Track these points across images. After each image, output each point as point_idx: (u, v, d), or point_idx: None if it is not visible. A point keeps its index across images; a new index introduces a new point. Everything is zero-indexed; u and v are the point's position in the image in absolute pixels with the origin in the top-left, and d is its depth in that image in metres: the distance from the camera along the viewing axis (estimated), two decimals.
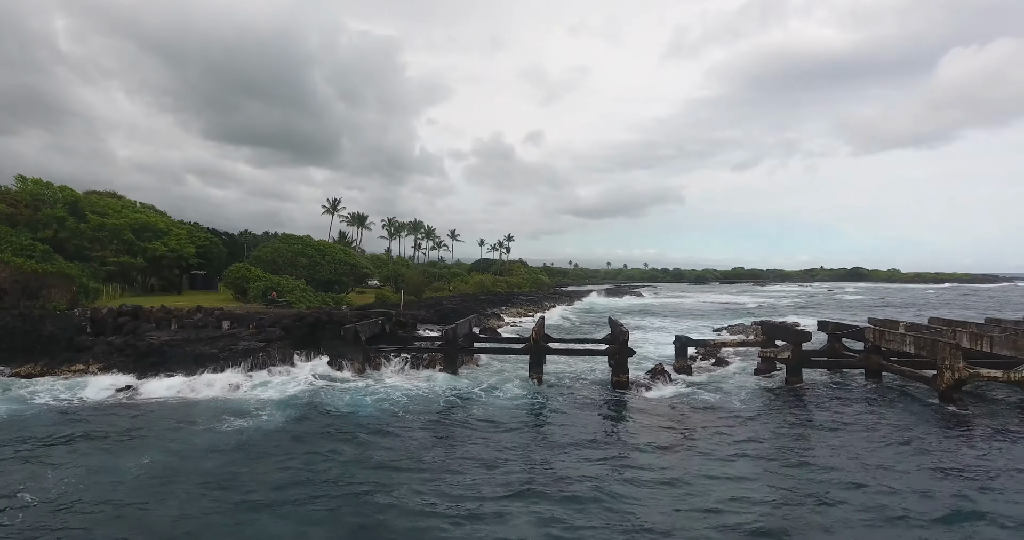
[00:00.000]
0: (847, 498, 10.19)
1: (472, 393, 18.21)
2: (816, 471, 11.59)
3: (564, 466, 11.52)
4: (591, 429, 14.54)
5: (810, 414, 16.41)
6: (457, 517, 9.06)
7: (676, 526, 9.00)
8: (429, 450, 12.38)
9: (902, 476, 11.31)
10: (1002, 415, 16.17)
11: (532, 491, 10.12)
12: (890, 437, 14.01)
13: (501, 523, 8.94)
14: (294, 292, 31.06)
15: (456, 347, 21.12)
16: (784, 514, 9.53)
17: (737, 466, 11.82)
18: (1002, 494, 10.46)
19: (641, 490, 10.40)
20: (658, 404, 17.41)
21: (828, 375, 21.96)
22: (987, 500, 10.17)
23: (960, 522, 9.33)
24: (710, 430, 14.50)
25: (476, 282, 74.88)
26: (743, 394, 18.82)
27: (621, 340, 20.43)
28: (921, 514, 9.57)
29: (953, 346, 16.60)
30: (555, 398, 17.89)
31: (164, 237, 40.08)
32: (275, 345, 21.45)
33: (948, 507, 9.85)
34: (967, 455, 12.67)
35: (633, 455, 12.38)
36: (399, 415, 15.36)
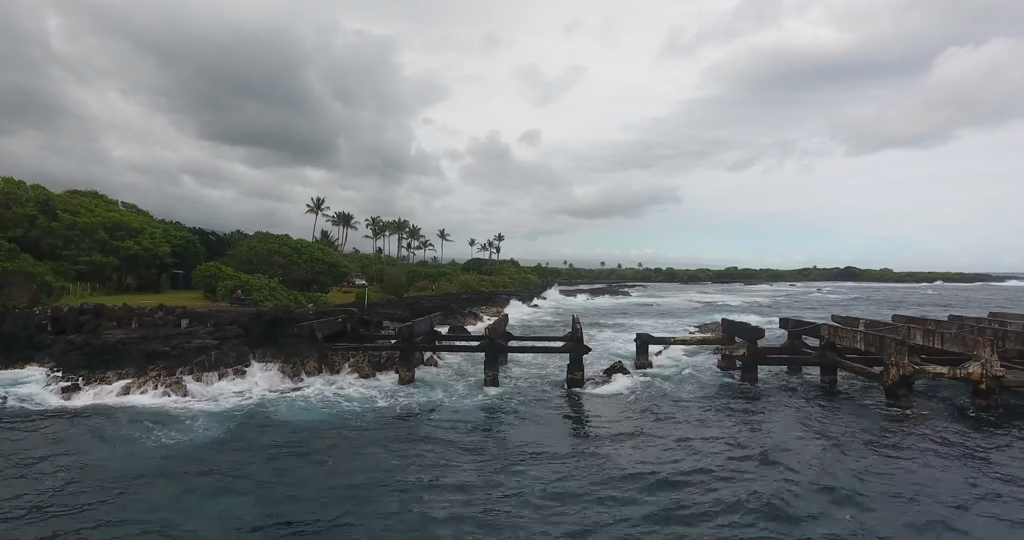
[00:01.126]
0: (744, 493, 10.17)
1: (417, 397, 17.80)
2: (724, 469, 11.54)
3: (490, 484, 10.68)
4: (530, 434, 14.12)
5: (750, 412, 16.38)
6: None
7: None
8: (349, 476, 10.91)
9: (807, 473, 11.29)
10: (942, 414, 16.16)
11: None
12: (821, 431, 14.02)
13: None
14: (262, 291, 30.88)
15: (412, 345, 21.00)
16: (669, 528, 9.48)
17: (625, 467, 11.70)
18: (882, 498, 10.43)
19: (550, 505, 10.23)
20: (605, 403, 17.36)
21: (787, 371, 22.00)
22: (870, 500, 10.18)
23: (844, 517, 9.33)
24: (645, 429, 14.47)
25: (461, 281, 74.76)
26: (693, 391, 18.80)
27: (576, 338, 20.37)
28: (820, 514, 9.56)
29: (899, 342, 16.60)
30: (504, 399, 17.72)
31: (138, 236, 39.82)
32: (230, 343, 21.26)
33: (844, 505, 9.85)
34: (885, 454, 12.66)
35: (553, 463, 12.18)
36: (337, 427, 14.25)
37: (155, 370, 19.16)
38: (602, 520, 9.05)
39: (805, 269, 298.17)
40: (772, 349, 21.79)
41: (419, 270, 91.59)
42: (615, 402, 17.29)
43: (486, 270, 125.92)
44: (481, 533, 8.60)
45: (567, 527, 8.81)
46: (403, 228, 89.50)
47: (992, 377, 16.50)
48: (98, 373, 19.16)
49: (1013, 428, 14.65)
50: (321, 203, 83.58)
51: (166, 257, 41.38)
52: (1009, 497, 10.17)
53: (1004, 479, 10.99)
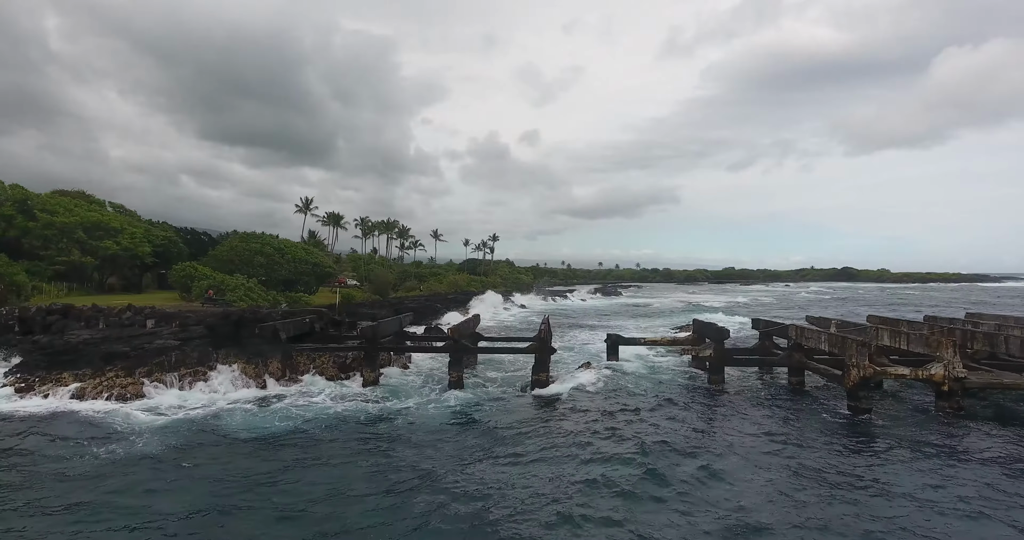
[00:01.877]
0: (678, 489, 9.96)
1: (376, 402, 17.47)
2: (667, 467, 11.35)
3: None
4: (479, 441, 13.82)
5: (708, 412, 16.22)
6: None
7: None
8: (283, 494, 10.20)
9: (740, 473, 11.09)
10: (903, 416, 16.02)
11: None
12: (773, 431, 13.82)
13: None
14: (237, 291, 30.63)
15: (376, 346, 20.76)
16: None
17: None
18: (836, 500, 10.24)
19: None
20: (564, 405, 17.13)
21: (759, 372, 21.80)
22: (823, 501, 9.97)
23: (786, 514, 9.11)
24: (599, 430, 14.26)
25: (450, 281, 74.54)
26: (657, 392, 18.60)
27: (541, 339, 20.16)
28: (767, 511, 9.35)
29: (860, 344, 16.38)
30: (465, 403, 17.46)
31: (117, 236, 39.54)
32: (192, 344, 21.03)
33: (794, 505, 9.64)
34: (835, 454, 12.47)
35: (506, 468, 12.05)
36: (287, 437, 13.64)
37: (112, 371, 18.93)
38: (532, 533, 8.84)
39: (802, 269, 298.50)
40: (739, 350, 21.60)
41: (411, 270, 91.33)
42: (575, 404, 17.06)
43: (481, 270, 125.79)
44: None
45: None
46: (392, 228, 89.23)
47: (954, 378, 16.31)
48: (54, 374, 18.92)
49: (971, 430, 14.46)
50: (310, 203, 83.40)
51: (146, 257, 41.10)
52: (956, 498, 9.99)
53: (952, 481, 10.80)
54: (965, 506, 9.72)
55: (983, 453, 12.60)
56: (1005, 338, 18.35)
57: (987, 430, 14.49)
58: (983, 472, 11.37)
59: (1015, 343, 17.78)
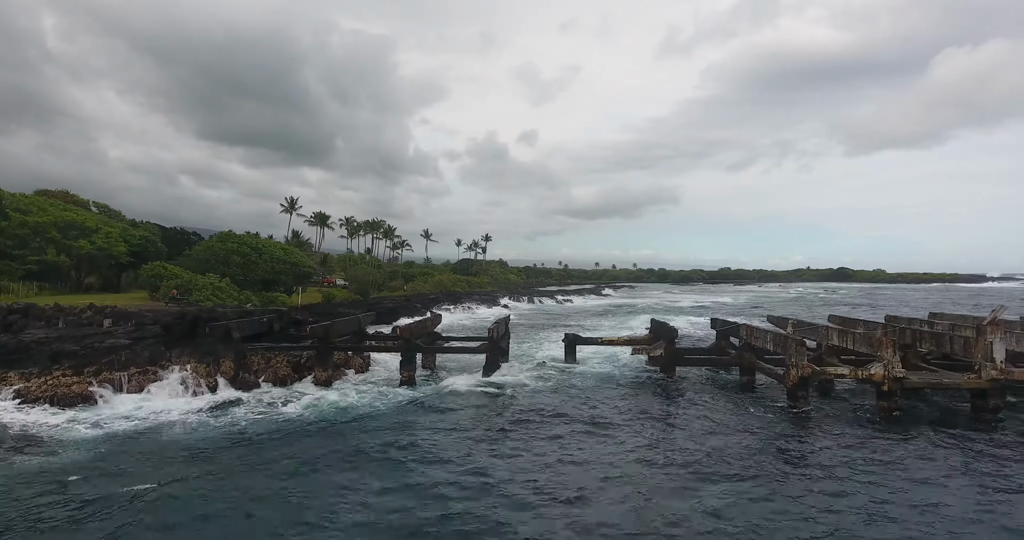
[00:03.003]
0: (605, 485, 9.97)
1: (324, 402, 17.41)
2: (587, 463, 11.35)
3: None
4: (419, 439, 13.86)
5: (648, 410, 16.21)
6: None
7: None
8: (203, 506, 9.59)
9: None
10: (842, 416, 16.01)
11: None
12: (707, 429, 13.82)
13: None
14: (204, 290, 30.61)
15: (329, 346, 20.76)
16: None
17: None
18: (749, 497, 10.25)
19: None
20: (509, 403, 17.13)
21: (717, 372, 21.77)
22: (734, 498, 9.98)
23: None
24: (537, 427, 14.28)
25: (435, 282, 74.54)
26: (606, 391, 18.59)
27: (491, 339, 20.19)
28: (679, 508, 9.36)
29: (799, 344, 16.41)
30: (414, 402, 17.46)
31: (92, 235, 39.53)
32: (145, 343, 21.02)
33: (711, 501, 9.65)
34: (763, 453, 12.47)
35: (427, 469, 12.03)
36: (222, 443, 13.13)
37: (60, 370, 18.88)
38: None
39: (798, 270, 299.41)
40: (692, 350, 21.64)
41: (401, 270, 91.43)
42: (520, 402, 17.05)
43: (474, 271, 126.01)
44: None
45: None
46: (377, 228, 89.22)
47: (893, 378, 16.32)
48: (0, 372, 18.87)
49: (905, 429, 14.48)
50: (295, 203, 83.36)
51: (121, 257, 41.05)
52: (878, 497, 10.04)
53: (873, 482, 10.80)
54: (869, 504, 9.73)
55: (908, 452, 12.62)
56: (950, 338, 18.38)
57: (920, 430, 14.50)
58: (904, 470, 11.40)
59: (959, 342, 17.80)
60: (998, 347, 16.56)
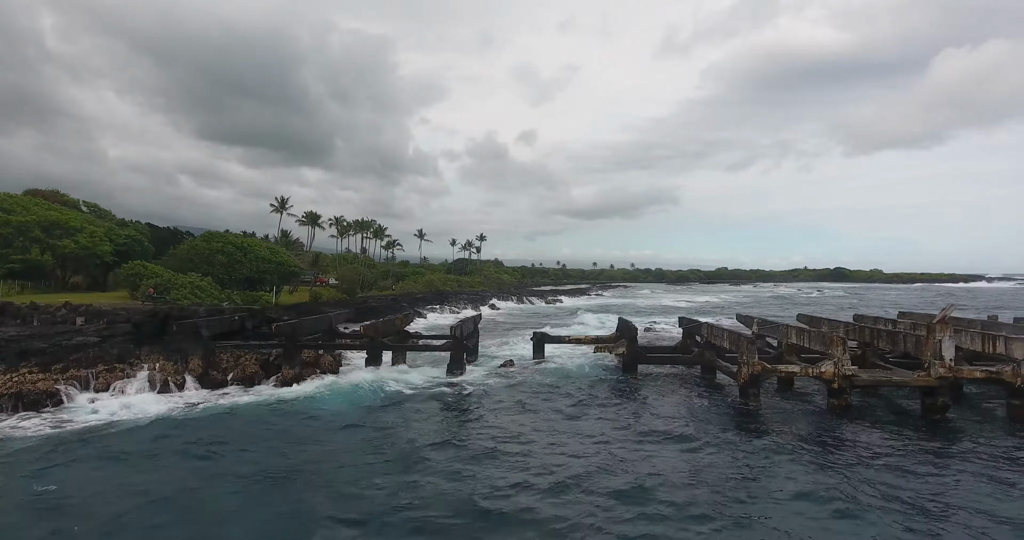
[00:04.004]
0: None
1: (285, 402, 17.57)
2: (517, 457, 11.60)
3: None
4: (370, 438, 14.05)
5: (604, 407, 16.42)
6: None
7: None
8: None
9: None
10: (792, 413, 16.24)
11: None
12: (652, 428, 14.07)
13: None
14: (182, 289, 30.85)
15: (296, 344, 21.00)
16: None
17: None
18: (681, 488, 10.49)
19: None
20: (468, 400, 17.38)
21: (684, 370, 21.95)
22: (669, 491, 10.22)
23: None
24: (491, 424, 14.53)
25: (425, 281, 74.75)
26: (566, 389, 18.77)
27: (456, 337, 20.42)
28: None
29: (750, 341, 16.66)
30: (374, 399, 17.69)
31: (76, 235, 39.78)
32: (113, 341, 21.24)
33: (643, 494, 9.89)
34: (695, 450, 12.72)
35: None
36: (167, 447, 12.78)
37: (26, 368, 19.10)
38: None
39: (795, 270, 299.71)
40: (655, 348, 21.88)
41: (394, 270, 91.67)
42: (474, 399, 17.31)
43: (469, 270, 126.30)
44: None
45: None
46: (368, 228, 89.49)
47: (843, 376, 16.58)
48: None
49: (854, 426, 14.73)
50: (285, 203, 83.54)
51: (106, 255, 41.29)
52: (812, 494, 10.28)
53: (812, 475, 11.05)
54: (803, 501, 9.98)
55: (855, 448, 12.86)
56: (904, 337, 18.63)
57: (868, 427, 14.72)
58: (850, 468, 11.60)
59: (912, 341, 18.05)
60: (947, 345, 16.81)
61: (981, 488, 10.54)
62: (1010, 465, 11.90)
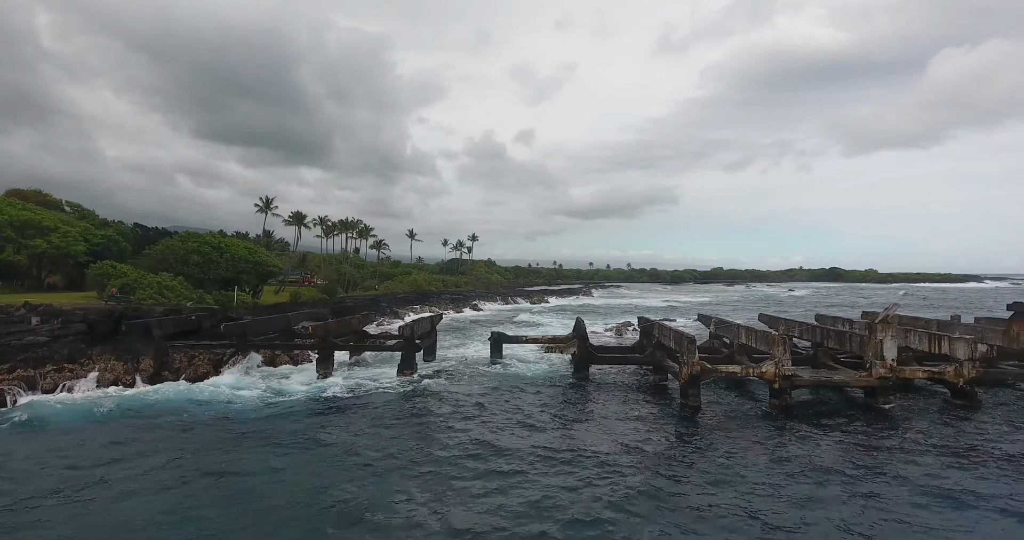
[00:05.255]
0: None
1: (222, 401, 17.60)
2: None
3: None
4: (307, 431, 14.26)
5: (540, 406, 16.38)
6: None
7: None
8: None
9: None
10: (732, 413, 16.22)
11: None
12: (582, 427, 14.02)
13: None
14: (147, 289, 30.76)
15: (246, 344, 20.95)
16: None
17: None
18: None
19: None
20: (410, 400, 17.32)
21: (640, 370, 21.92)
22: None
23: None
24: (408, 426, 14.48)
25: (411, 281, 74.67)
26: (511, 388, 18.72)
27: (407, 337, 20.38)
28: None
29: (690, 341, 16.62)
30: (321, 397, 17.63)
31: (49, 235, 39.65)
32: (66, 341, 21.16)
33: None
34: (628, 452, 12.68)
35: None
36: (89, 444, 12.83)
37: None
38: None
39: (790, 270, 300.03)
40: (606, 348, 21.82)
41: (380, 270, 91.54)
42: (424, 399, 17.25)
43: (461, 270, 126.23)
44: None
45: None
46: (353, 228, 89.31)
47: (783, 376, 16.56)
48: None
49: (796, 425, 14.70)
50: (270, 203, 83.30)
51: (80, 255, 41.16)
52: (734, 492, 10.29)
53: (737, 476, 11.02)
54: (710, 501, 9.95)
55: (782, 448, 12.84)
56: (849, 336, 18.62)
57: (808, 426, 14.67)
58: (772, 465, 11.65)
59: (856, 340, 18.04)
60: (889, 345, 16.80)
61: (902, 495, 10.42)
62: (940, 466, 11.84)
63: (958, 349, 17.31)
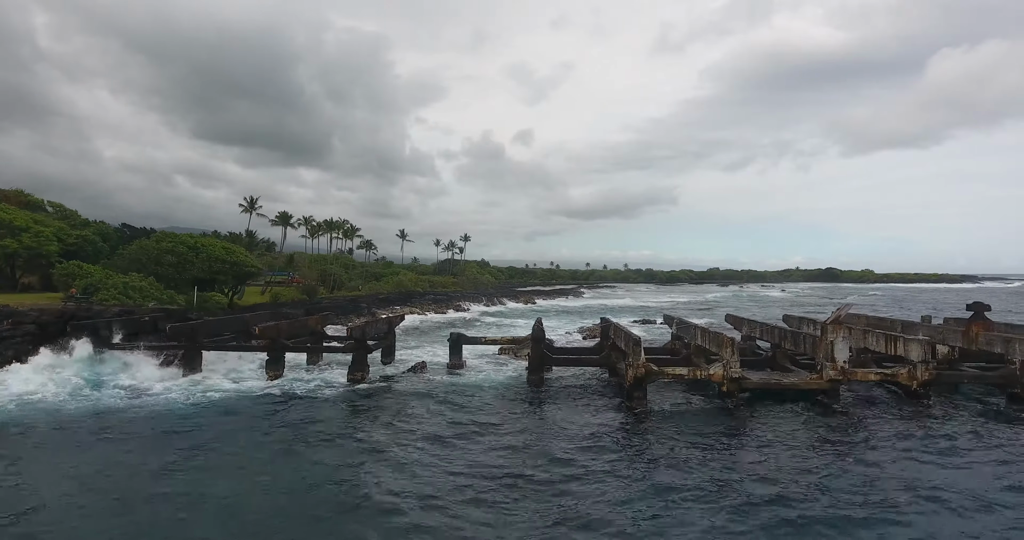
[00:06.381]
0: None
1: (157, 398, 17.32)
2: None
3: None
4: (250, 436, 13.91)
5: (487, 410, 16.02)
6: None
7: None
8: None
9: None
10: (676, 417, 15.83)
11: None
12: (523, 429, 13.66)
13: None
14: (111, 290, 30.38)
15: (196, 345, 20.57)
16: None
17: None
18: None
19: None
20: (364, 399, 16.96)
21: (600, 372, 21.54)
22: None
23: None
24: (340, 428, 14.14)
25: (395, 282, 74.30)
26: (450, 391, 18.27)
27: (358, 339, 20.02)
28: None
29: (635, 343, 16.28)
30: (268, 397, 17.31)
31: (20, 235, 39.25)
32: (11, 342, 20.81)
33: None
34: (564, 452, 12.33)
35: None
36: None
37: None
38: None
39: (787, 270, 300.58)
40: (562, 349, 21.47)
41: (374, 271, 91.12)
42: (375, 402, 16.90)
43: (454, 271, 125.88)
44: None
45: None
46: (338, 228, 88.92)
47: (731, 379, 16.23)
48: None
49: (743, 428, 14.34)
50: (255, 202, 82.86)
51: (52, 256, 40.73)
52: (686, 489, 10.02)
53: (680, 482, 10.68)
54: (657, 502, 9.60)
55: (725, 451, 12.49)
56: (803, 338, 18.29)
57: (754, 431, 14.23)
58: (709, 470, 11.32)
59: (808, 341, 17.71)
60: (840, 347, 16.45)
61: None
62: (891, 466, 11.50)
63: (912, 351, 16.97)
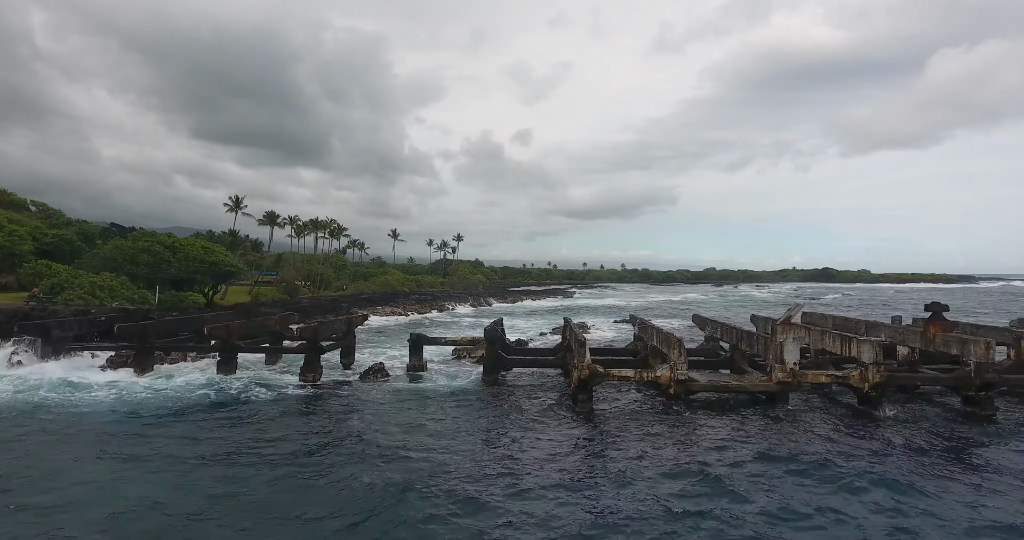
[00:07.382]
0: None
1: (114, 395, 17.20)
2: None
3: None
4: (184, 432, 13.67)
5: (433, 413, 15.73)
6: None
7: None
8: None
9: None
10: (625, 418, 15.52)
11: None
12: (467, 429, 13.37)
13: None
14: (77, 289, 30.10)
15: (146, 345, 20.32)
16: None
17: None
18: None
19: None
20: (319, 401, 16.70)
21: (556, 372, 21.29)
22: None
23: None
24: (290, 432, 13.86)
25: (382, 282, 74.07)
26: (414, 394, 18.04)
27: (310, 338, 19.76)
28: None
29: (580, 344, 16.02)
30: (212, 398, 17.04)
31: None
32: None
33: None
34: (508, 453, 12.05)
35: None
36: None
37: None
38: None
39: (783, 270, 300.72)
40: (519, 350, 21.20)
41: (362, 270, 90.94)
42: (322, 402, 16.63)
43: (448, 271, 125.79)
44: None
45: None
46: (324, 227, 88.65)
47: (678, 381, 15.98)
48: None
49: (690, 431, 14.01)
50: (240, 202, 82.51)
51: (26, 255, 40.52)
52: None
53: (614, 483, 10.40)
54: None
55: (666, 453, 12.21)
56: (757, 339, 18.03)
57: (703, 433, 13.91)
58: (653, 469, 11.14)
59: (760, 342, 17.45)
60: (790, 348, 16.19)
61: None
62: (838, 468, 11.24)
63: (864, 352, 16.68)
